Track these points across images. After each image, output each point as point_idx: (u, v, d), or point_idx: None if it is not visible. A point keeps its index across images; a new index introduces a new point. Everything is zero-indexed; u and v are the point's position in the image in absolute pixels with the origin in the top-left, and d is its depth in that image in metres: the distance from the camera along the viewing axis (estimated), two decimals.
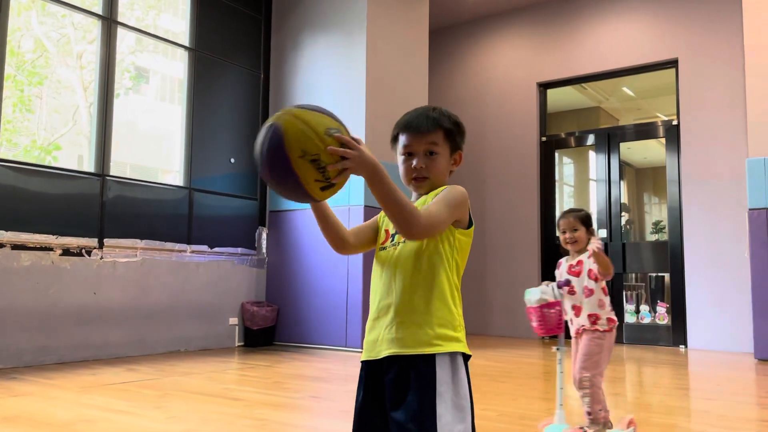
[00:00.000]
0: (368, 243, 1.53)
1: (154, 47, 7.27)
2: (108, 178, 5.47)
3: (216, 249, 6.34)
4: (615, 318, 2.76)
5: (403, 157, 1.49)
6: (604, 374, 2.75)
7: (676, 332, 7.05)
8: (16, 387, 3.89)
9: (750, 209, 5.95)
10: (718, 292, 6.71)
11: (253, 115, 6.91)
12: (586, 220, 2.81)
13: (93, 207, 5.36)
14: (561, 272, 2.88)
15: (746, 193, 6.06)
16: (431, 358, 1.26)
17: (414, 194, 1.52)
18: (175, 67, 7.17)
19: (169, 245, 5.89)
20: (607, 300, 2.75)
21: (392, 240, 1.45)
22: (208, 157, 6.41)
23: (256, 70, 6.97)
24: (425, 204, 1.39)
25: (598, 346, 2.70)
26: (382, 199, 1.29)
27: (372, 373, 1.35)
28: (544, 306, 2.69)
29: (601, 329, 2.70)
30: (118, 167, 5.94)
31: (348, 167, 1.25)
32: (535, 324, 2.73)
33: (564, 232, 2.82)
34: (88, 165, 5.52)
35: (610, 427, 2.70)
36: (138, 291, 5.59)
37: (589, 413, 2.68)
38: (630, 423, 2.74)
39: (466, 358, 1.33)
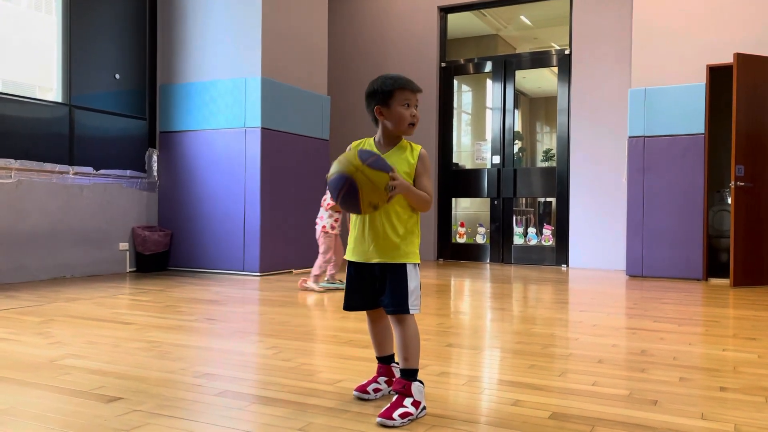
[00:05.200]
0: None
1: None
2: None
3: (102, 171, 5.99)
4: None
5: (403, 106, 2.04)
6: None
7: (559, 252, 7.53)
8: None
9: (630, 137, 6.33)
10: (598, 216, 7.19)
11: (138, 28, 6.43)
12: None
13: None
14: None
15: (627, 123, 6.42)
16: (404, 264, 2.03)
17: (379, 135, 2.10)
18: None
19: (48, 166, 5.50)
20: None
21: None
22: (89, 72, 5.95)
23: None
24: (407, 158, 2.06)
25: None
26: (413, 199, 2.00)
27: (359, 266, 2.06)
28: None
29: None
30: None
31: (395, 194, 1.91)
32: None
33: None
34: None
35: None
36: (14, 214, 5.22)
37: None
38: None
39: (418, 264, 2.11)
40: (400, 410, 1.88)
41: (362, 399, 2.11)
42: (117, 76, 6.21)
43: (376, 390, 2.13)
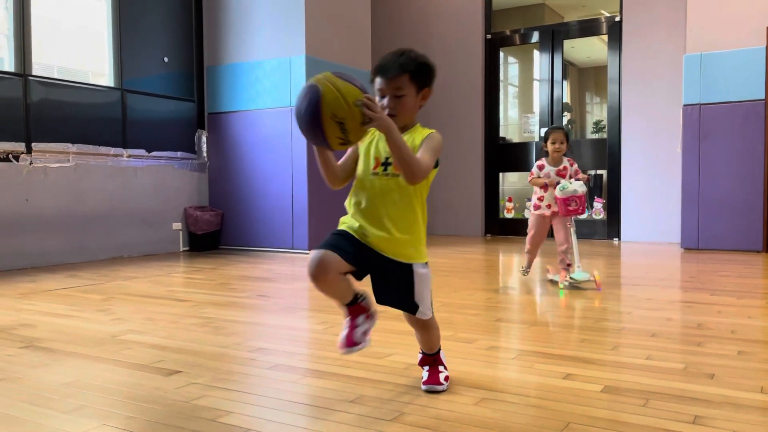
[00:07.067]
0: (352, 173, 1.92)
1: None
2: (31, 78, 5.14)
3: (154, 153, 6.15)
4: None
5: (377, 96, 1.80)
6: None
7: (611, 226, 7.37)
8: None
9: (684, 105, 6.11)
10: (651, 187, 6.99)
11: (185, 11, 6.52)
12: (567, 135, 4.07)
13: (17, 109, 5.06)
14: (549, 173, 4.05)
15: (682, 90, 6.19)
16: (409, 265, 1.87)
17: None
18: None
19: (103, 149, 5.67)
20: None
21: (384, 169, 1.81)
22: (139, 56, 6.08)
23: None
24: (412, 140, 1.79)
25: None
26: (395, 148, 1.67)
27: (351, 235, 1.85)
28: (575, 196, 3.79)
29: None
30: (45, 70, 5.56)
31: (373, 125, 1.62)
32: (569, 207, 3.85)
33: (554, 143, 4.00)
34: (9, 65, 5.16)
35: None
36: (73, 197, 5.42)
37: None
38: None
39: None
40: (443, 375, 1.97)
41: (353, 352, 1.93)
42: (165, 59, 6.32)
43: (364, 333, 1.96)
